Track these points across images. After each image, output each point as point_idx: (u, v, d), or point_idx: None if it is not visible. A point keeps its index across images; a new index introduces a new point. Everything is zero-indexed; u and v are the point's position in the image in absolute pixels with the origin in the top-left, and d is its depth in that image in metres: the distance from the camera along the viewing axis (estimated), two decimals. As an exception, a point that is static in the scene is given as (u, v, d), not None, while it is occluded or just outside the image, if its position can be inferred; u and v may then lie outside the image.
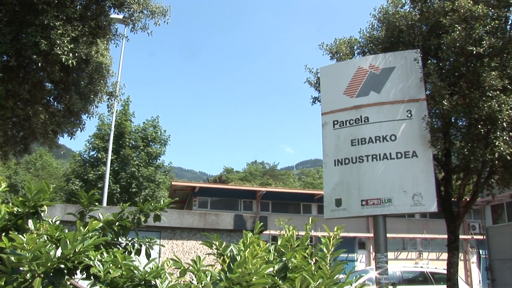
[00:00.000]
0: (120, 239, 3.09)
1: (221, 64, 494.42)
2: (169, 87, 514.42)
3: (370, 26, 13.33)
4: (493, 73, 9.87)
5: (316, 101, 13.65)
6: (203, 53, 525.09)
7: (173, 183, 39.43)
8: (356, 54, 13.61)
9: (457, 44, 10.26)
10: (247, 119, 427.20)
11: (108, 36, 12.63)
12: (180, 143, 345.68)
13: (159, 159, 33.83)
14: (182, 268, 2.66)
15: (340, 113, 11.13)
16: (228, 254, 2.81)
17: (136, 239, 3.18)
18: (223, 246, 2.88)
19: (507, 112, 9.73)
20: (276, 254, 2.77)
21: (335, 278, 2.45)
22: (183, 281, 2.62)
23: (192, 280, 2.59)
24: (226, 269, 2.48)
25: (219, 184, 54.31)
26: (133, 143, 32.66)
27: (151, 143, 33.52)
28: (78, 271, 2.51)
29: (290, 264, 2.61)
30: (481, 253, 39.46)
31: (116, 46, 13.65)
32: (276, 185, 71.12)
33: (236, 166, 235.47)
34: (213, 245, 2.91)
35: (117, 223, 3.09)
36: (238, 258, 2.50)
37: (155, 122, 34.46)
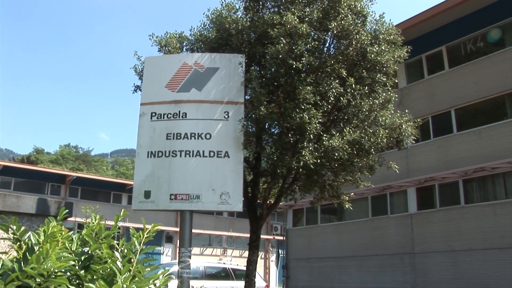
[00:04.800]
0: None
1: (45, 36, 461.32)
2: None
3: (202, 25, 13.43)
4: (308, 88, 10.47)
5: (138, 90, 13.32)
6: (29, 22, 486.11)
7: (-28, 158, 35.96)
8: (184, 50, 13.59)
9: (280, 56, 10.70)
10: (63, 98, 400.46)
11: None
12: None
13: (-41, 130, 30.45)
14: (-33, 254, 2.39)
15: (159, 105, 10.97)
16: (26, 241, 2.58)
17: None
18: (21, 231, 2.65)
19: (315, 125, 10.42)
20: (79, 243, 2.64)
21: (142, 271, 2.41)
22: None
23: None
24: (21, 258, 2.27)
25: (26, 164, 50.45)
26: None
27: (-49, 111, 30.06)
28: None
29: (94, 255, 2.49)
30: (280, 252, 42.18)
31: None
32: (88, 171, 68.28)
33: (47, 147, 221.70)
34: (9, 229, 2.66)
35: None
36: (37, 247, 2.34)
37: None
